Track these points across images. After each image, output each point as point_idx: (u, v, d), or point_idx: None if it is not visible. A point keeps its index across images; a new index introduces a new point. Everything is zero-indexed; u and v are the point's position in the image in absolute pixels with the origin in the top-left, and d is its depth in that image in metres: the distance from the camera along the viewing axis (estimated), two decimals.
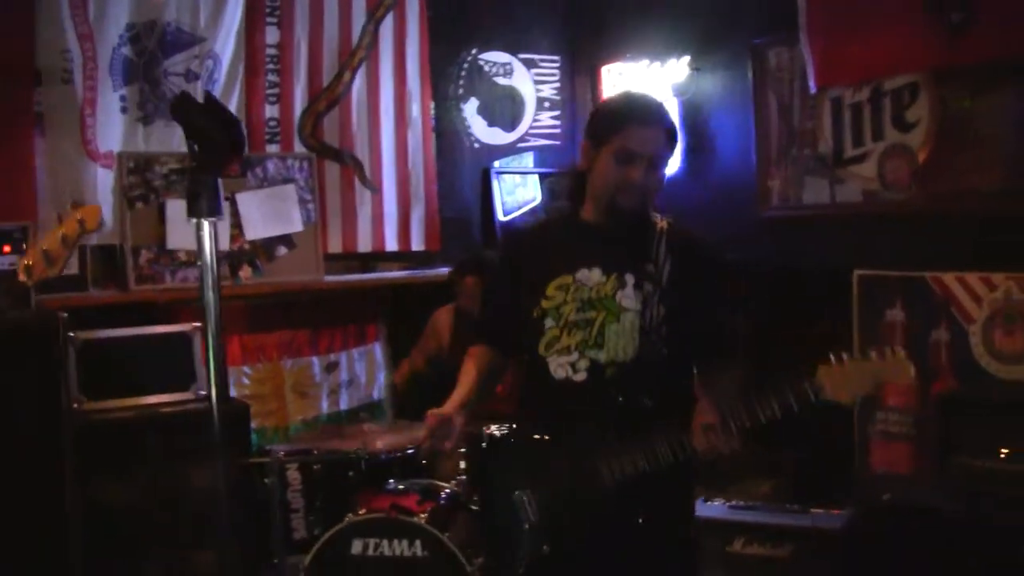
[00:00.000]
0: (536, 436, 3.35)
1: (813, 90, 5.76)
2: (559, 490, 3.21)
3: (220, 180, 2.17)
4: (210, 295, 2.15)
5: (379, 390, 6.65)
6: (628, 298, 3.23)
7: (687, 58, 6.60)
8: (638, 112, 3.24)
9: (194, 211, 2.13)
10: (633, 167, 3.16)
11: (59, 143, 5.60)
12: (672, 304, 3.22)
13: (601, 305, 3.25)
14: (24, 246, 5.06)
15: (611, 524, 3.18)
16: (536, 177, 7.36)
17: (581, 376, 3.25)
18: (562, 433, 3.24)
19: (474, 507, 4.80)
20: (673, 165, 6.61)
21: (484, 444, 3.50)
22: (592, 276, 3.26)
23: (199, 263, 2.24)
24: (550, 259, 3.34)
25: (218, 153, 2.12)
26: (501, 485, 3.39)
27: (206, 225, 2.13)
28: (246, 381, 6.09)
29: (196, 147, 2.12)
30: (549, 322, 3.29)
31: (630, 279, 3.24)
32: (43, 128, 5.57)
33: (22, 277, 3.74)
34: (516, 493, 3.30)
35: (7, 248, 5.00)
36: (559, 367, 3.27)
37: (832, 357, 2.99)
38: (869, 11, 5.47)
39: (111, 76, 5.78)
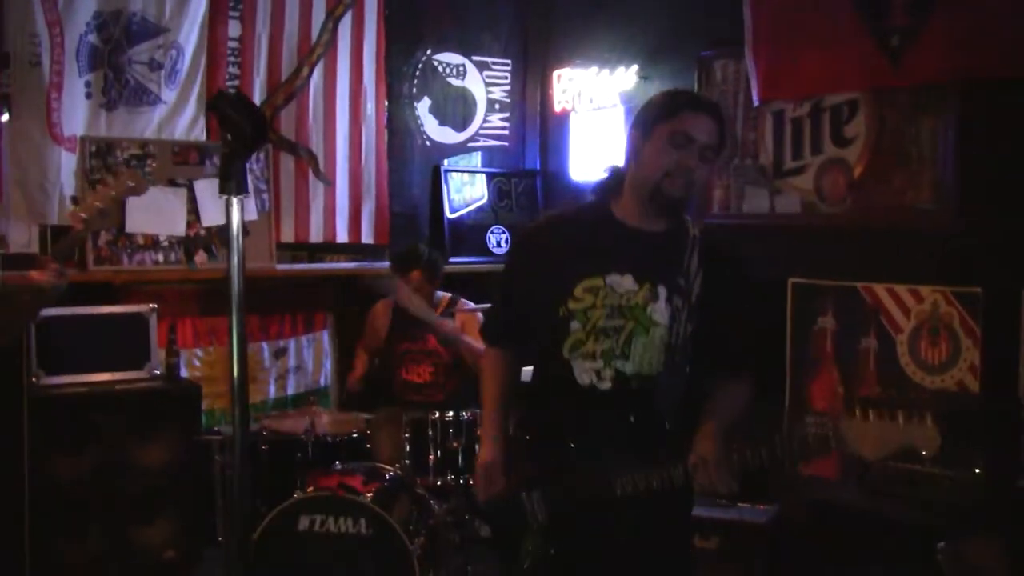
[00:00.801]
0: (552, 437, 3.28)
1: (756, 103, 5.90)
2: (572, 495, 3.18)
3: (246, 164, 2.38)
4: (235, 270, 2.35)
5: (325, 377, 6.81)
6: (659, 312, 3.15)
7: (635, 67, 6.80)
8: (695, 99, 3.23)
9: (225, 189, 2.35)
10: (686, 152, 3.09)
11: (25, 125, 5.75)
12: (699, 322, 3.17)
13: (631, 315, 3.16)
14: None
15: (619, 533, 3.17)
16: (484, 176, 7.56)
17: (606, 385, 3.17)
18: (580, 439, 3.20)
19: (418, 491, 5.05)
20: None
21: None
22: (624, 283, 3.17)
23: (228, 237, 2.45)
24: (579, 257, 3.24)
25: (246, 141, 2.34)
26: (511, 483, 3.35)
27: (235, 203, 2.35)
28: (197, 363, 6.23)
29: (229, 136, 2.34)
30: (575, 324, 3.19)
31: (662, 292, 3.16)
32: (10, 109, 5.71)
33: (79, 227, 3.90)
34: (526, 493, 3.27)
35: None
36: (584, 372, 3.18)
37: (857, 410, 2.93)
38: (812, 30, 5.60)
39: (77, 62, 5.92)
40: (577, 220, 3.40)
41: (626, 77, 6.86)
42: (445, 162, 7.45)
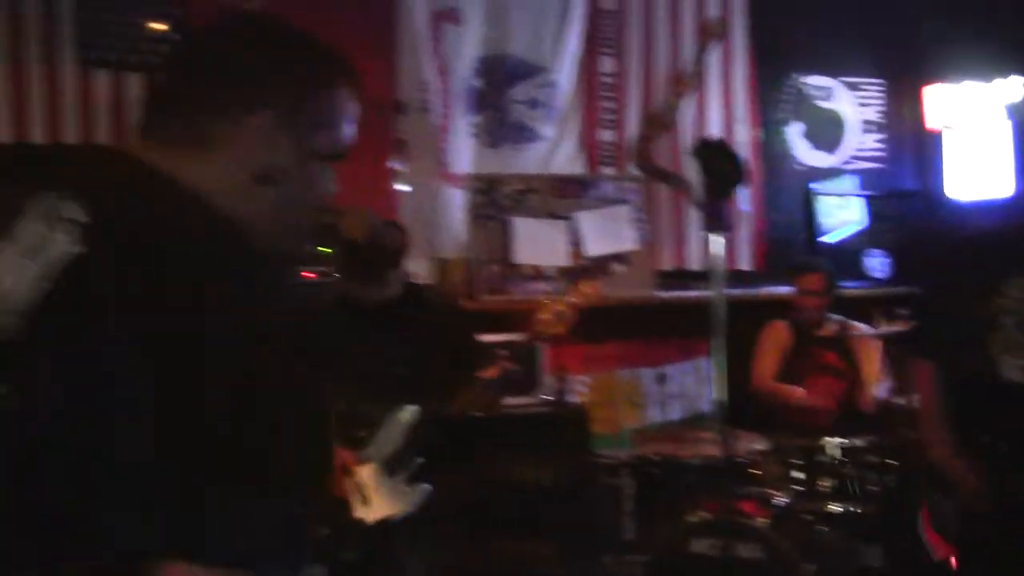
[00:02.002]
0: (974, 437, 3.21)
1: None
2: (999, 494, 3.12)
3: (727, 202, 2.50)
4: (718, 299, 2.49)
5: (706, 402, 6.85)
6: None
7: (1020, 78, 6.56)
8: None
9: (709, 227, 2.48)
10: None
11: (419, 166, 6.11)
12: None
13: None
14: None
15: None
16: (858, 199, 7.44)
17: None
18: (1007, 436, 3.14)
19: (807, 516, 5.01)
20: (1006, 186, 6.62)
21: None
22: None
23: (708, 273, 2.58)
24: (1010, 258, 3.17)
25: (727, 183, 2.47)
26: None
27: (717, 239, 2.47)
28: (583, 389, 6.40)
29: (710, 179, 2.47)
30: (1007, 320, 3.13)
31: None
32: (405, 153, 6.07)
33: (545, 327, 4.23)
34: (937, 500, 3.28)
35: None
36: (1013, 368, 3.12)
37: None
38: None
39: (463, 105, 6.28)
40: (1004, 227, 3.39)
41: (1009, 89, 6.62)
42: (817, 185, 7.38)
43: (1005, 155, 6.76)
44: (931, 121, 7.33)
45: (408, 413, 4.06)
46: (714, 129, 6.92)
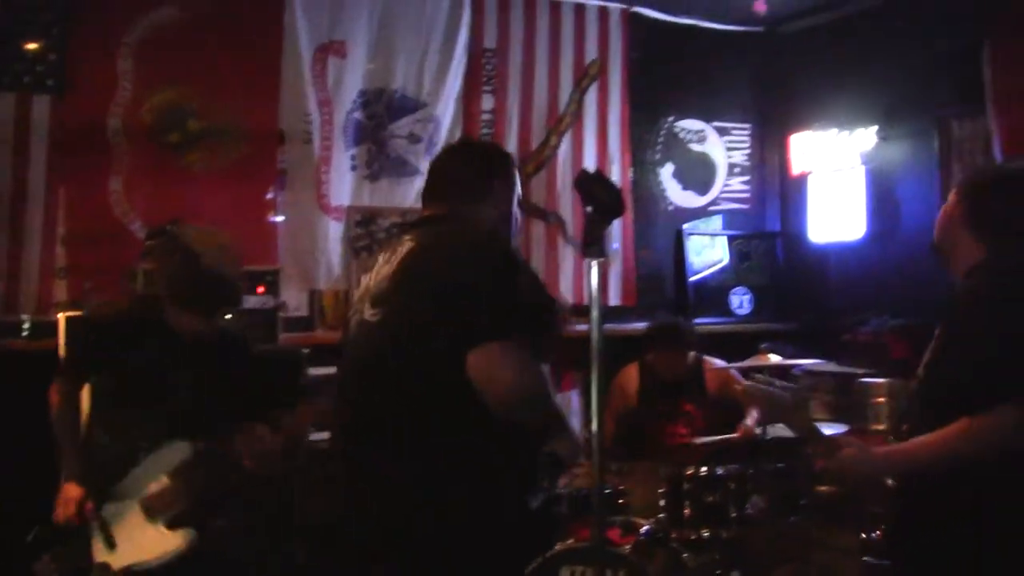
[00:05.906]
0: None
1: (999, 160, 5.83)
2: None
3: (608, 230, 2.63)
4: (595, 326, 2.62)
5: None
6: None
7: (874, 127, 6.87)
8: None
9: (589, 253, 2.61)
10: None
11: (298, 197, 6.18)
12: None
13: None
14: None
15: None
16: (725, 239, 7.70)
17: None
18: None
19: (672, 544, 5.15)
20: (856, 229, 6.93)
21: None
22: None
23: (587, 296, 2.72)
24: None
25: (607, 212, 2.61)
26: None
27: (595, 265, 2.61)
28: None
29: (591, 208, 2.61)
30: None
31: None
32: (284, 183, 6.14)
33: None
34: None
35: (261, 289, 5.58)
36: None
37: None
38: None
39: (344, 137, 6.35)
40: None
41: (865, 137, 6.93)
42: (686, 225, 7.62)
43: (858, 200, 7.05)
44: (796, 166, 7.61)
45: (179, 451, 3.89)
46: (589, 167, 7.08)
